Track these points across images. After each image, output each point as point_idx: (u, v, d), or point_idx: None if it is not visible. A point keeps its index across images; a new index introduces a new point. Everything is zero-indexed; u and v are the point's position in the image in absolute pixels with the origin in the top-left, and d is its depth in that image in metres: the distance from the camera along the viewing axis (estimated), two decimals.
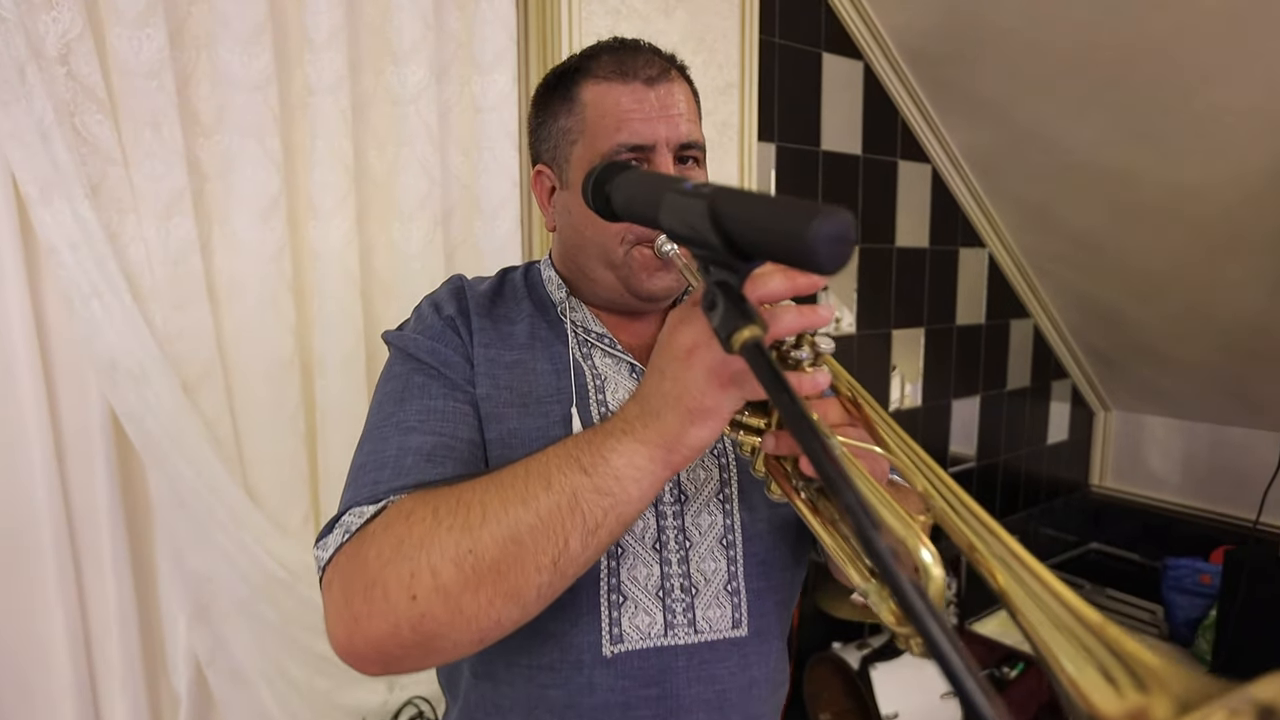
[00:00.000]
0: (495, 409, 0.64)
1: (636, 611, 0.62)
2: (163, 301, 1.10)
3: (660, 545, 0.63)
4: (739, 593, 0.65)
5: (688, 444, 0.47)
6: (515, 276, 0.76)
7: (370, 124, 1.27)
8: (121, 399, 1.05)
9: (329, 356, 1.25)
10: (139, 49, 1.03)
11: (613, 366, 0.68)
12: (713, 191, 0.35)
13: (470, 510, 0.49)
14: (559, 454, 0.49)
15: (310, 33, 1.16)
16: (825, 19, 1.98)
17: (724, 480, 0.66)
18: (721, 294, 0.35)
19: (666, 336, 0.48)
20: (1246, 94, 1.67)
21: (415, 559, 0.48)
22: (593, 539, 0.48)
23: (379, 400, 0.65)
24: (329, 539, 0.55)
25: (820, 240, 0.29)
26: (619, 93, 0.64)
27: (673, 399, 0.46)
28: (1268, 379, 2.34)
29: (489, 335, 0.67)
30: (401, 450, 0.58)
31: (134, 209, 1.06)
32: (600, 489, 0.47)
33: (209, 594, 1.18)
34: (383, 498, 0.55)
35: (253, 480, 1.21)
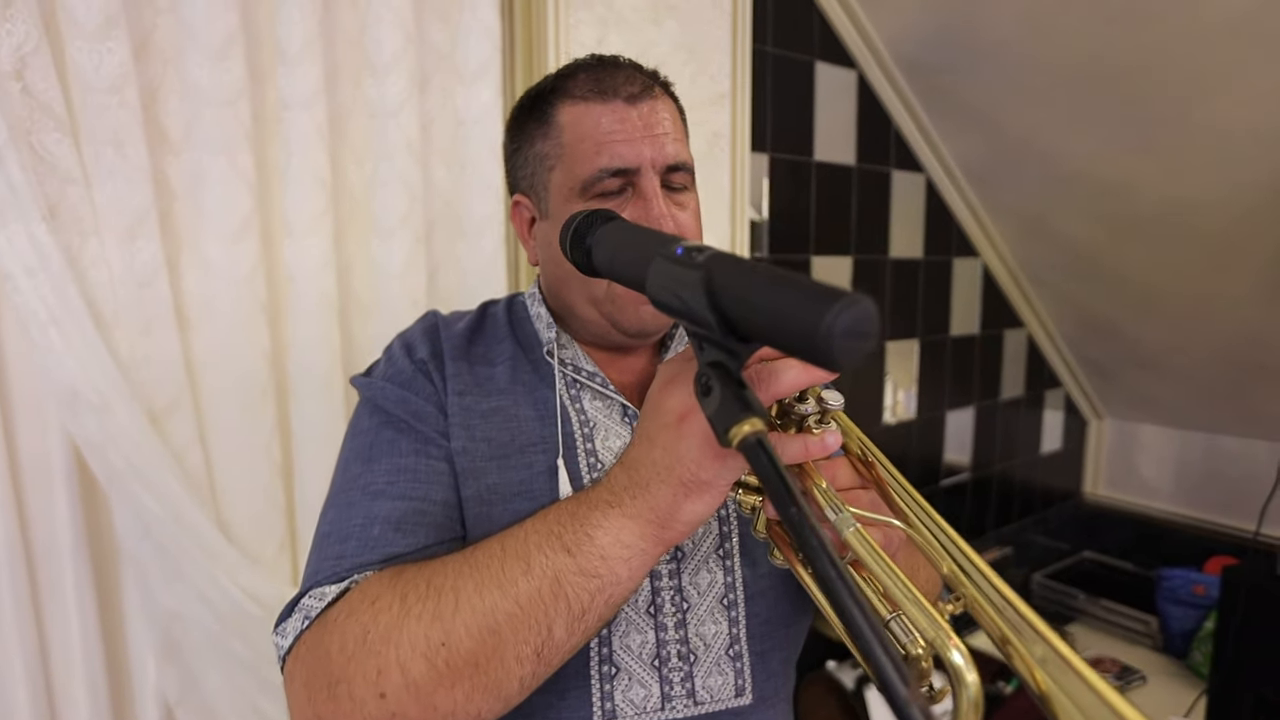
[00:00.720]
0: (472, 464, 0.59)
1: (630, 683, 0.58)
2: (127, 327, 1.04)
3: (655, 609, 0.59)
4: (741, 657, 0.61)
5: (682, 519, 0.42)
6: (497, 311, 0.71)
7: (348, 138, 1.22)
8: (82, 430, 1.00)
9: (305, 381, 1.20)
10: (100, 63, 0.97)
11: (603, 410, 0.63)
12: (708, 261, 0.31)
13: (442, 597, 0.44)
14: (539, 530, 0.45)
15: (283, 44, 1.11)
16: (818, 28, 1.94)
17: (724, 534, 0.62)
18: (717, 379, 0.30)
19: (656, 398, 0.43)
20: (1245, 109, 1.65)
21: (382, 654, 0.44)
22: (579, 625, 0.44)
23: (345, 459, 0.60)
24: (288, 624, 0.50)
25: (836, 335, 0.24)
26: (598, 113, 0.59)
27: (664, 470, 0.42)
28: (1263, 389, 2.33)
29: (464, 381, 0.62)
30: (368, 519, 0.53)
31: (96, 231, 1.01)
32: (585, 570, 0.43)
33: (179, 631, 1.13)
34: (347, 576, 0.51)
35: (225, 511, 1.16)
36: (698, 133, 1.67)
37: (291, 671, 0.49)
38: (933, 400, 2.45)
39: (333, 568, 0.52)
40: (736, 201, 1.74)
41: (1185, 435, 2.85)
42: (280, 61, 1.11)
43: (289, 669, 0.50)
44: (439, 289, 1.33)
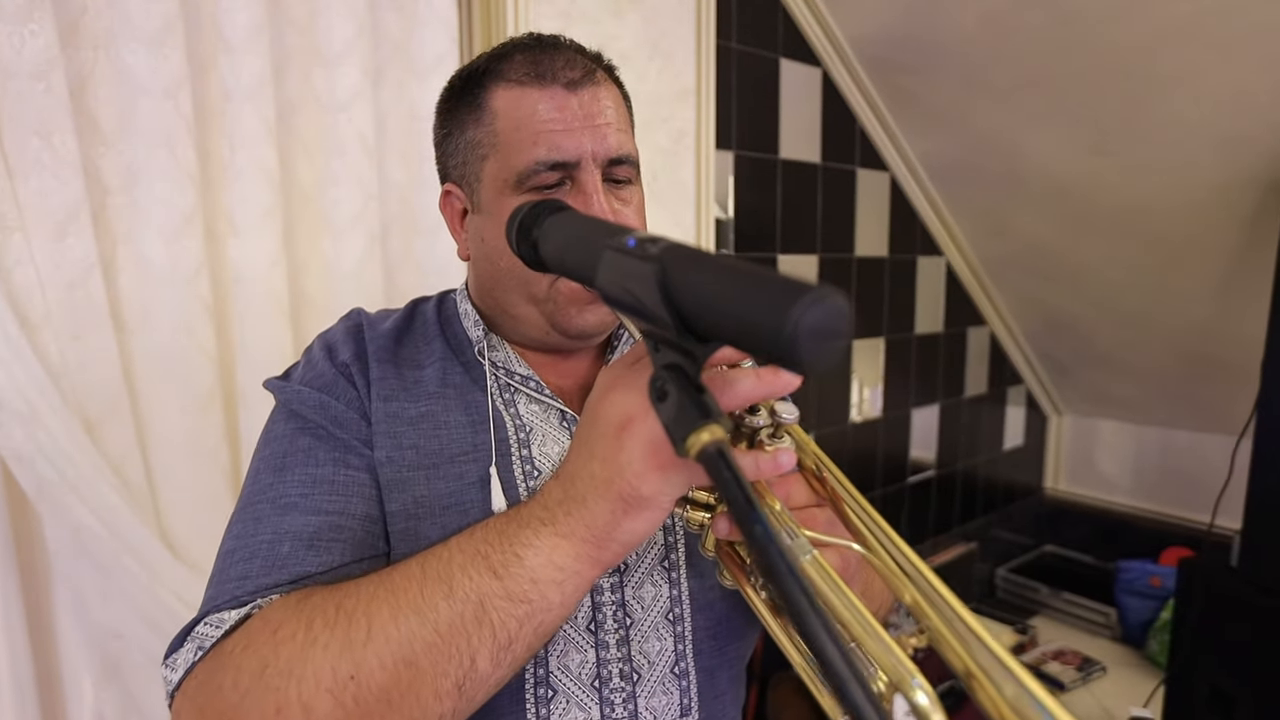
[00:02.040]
0: (398, 474, 0.54)
1: (569, 706, 0.54)
2: (57, 330, 0.98)
3: (596, 626, 0.55)
4: (687, 675, 0.57)
5: (620, 539, 0.39)
6: (427, 310, 0.66)
7: (297, 132, 1.17)
8: (9, 440, 0.93)
9: (253, 386, 1.14)
10: (21, 46, 0.91)
11: (540, 414, 0.59)
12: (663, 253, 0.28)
13: (353, 623, 0.40)
14: (464, 549, 0.41)
15: (226, 32, 1.06)
16: (783, 25, 1.93)
17: (669, 545, 0.58)
18: (673, 383, 0.27)
19: (595, 405, 0.40)
20: (1196, 111, 1.68)
21: (282, 690, 0.39)
22: (506, 655, 0.40)
23: (255, 469, 0.55)
24: (179, 656, 0.46)
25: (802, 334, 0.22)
26: (535, 99, 0.54)
27: (602, 483, 0.38)
28: (1214, 384, 2.38)
29: (391, 385, 0.57)
30: (277, 535, 0.49)
31: (20, 227, 0.94)
32: (513, 595, 0.40)
33: (118, 650, 1.07)
34: (248, 600, 0.46)
35: (169, 523, 1.10)
36: (662, 129, 1.65)
37: (180, 710, 0.44)
38: (898, 398, 2.47)
39: (234, 590, 0.47)
40: (701, 199, 1.72)
41: (1142, 430, 2.92)
42: (223, 50, 1.06)
43: (177, 706, 0.45)
44: (397, 288, 1.28)
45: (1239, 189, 1.79)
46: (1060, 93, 1.86)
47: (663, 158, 1.64)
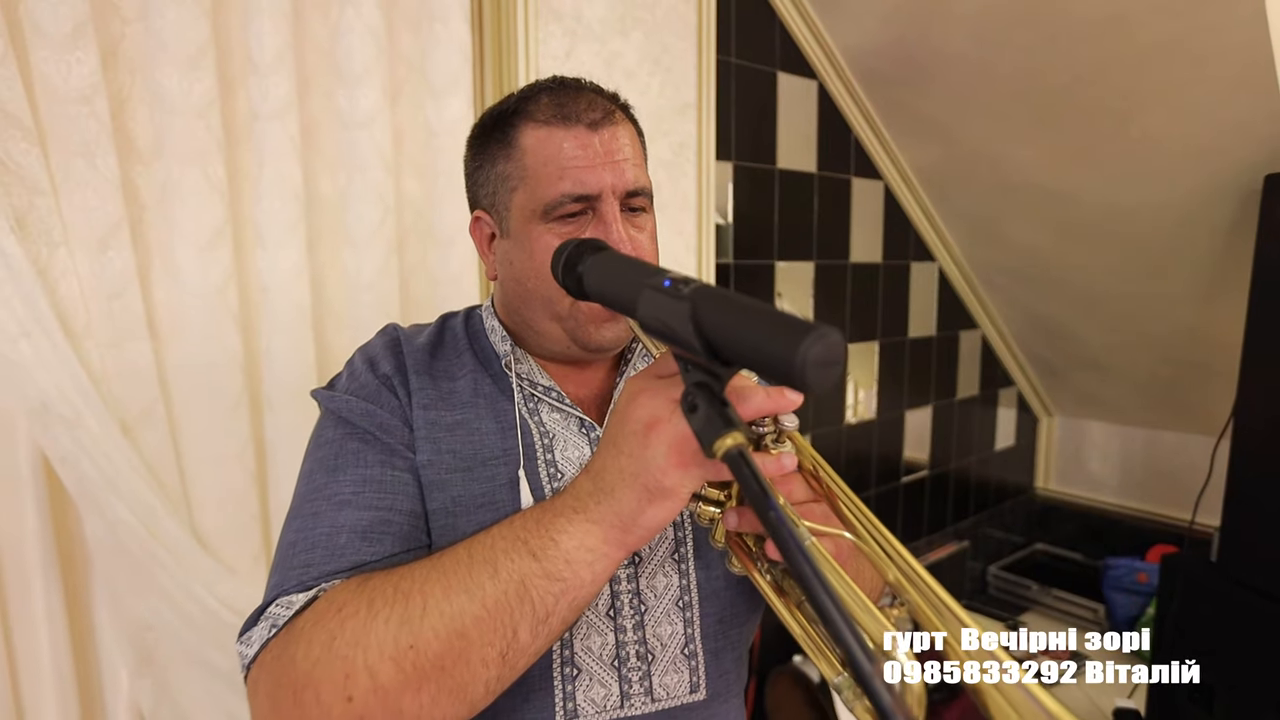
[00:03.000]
0: (437, 475, 0.60)
1: (591, 684, 0.60)
2: (98, 339, 1.04)
3: (615, 613, 0.61)
4: (696, 655, 0.63)
5: (644, 525, 0.45)
6: (456, 325, 0.72)
7: (320, 149, 1.23)
8: (53, 442, 0.99)
9: (278, 392, 1.20)
10: (68, 73, 0.97)
11: (561, 422, 0.65)
12: (694, 294, 0.34)
13: (410, 601, 0.46)
14: (505, 536, 0.47)
15: (254, 55, 1.12)
16: (780, 39, 2.00)
17: (679, 539, 0.64)
18: (702, 398, 0.34)
19: (624, 408, 0.45)
20: (1177, 123, 1.75)
21: (350, 658, 0.45)
22: (544, 628, 0.46)
23: (309, 470, 0.60)
24: (254, 633, 0.51)
25: (809, 365, 0.28)
26: (561, 138, 0.60)
27: (629, 476, 0.44)
28: (1198, 386, 2.46)
29: (429, 395, 0.63)
30: (334, 528, 0.54)
31: (65, 242, 1.00)
32: (550, 574, 0.45)
33: (152, 642, 1.13)
34: (313, 584, 0.52)
35: (199, 522, 1.15)
36: (664, 141, 1.71)
37: (256, 680, 0.50)
38: (892, 400, 2.54)
39: (299, 576, 0.53)
40: (702, 208, 1.79)
41: (1129, 431, 3.00)
42: (251, 71, 1.12)
43: (253, 677, 0.50)
44: (410, 299, 1.34)
45: (1216, 198, 1.86)
46: (1046, 106, 1.93)
47: (665, 169, 1.70)
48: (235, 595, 1.15)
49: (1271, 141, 1.66)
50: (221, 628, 1.14)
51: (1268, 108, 1.59)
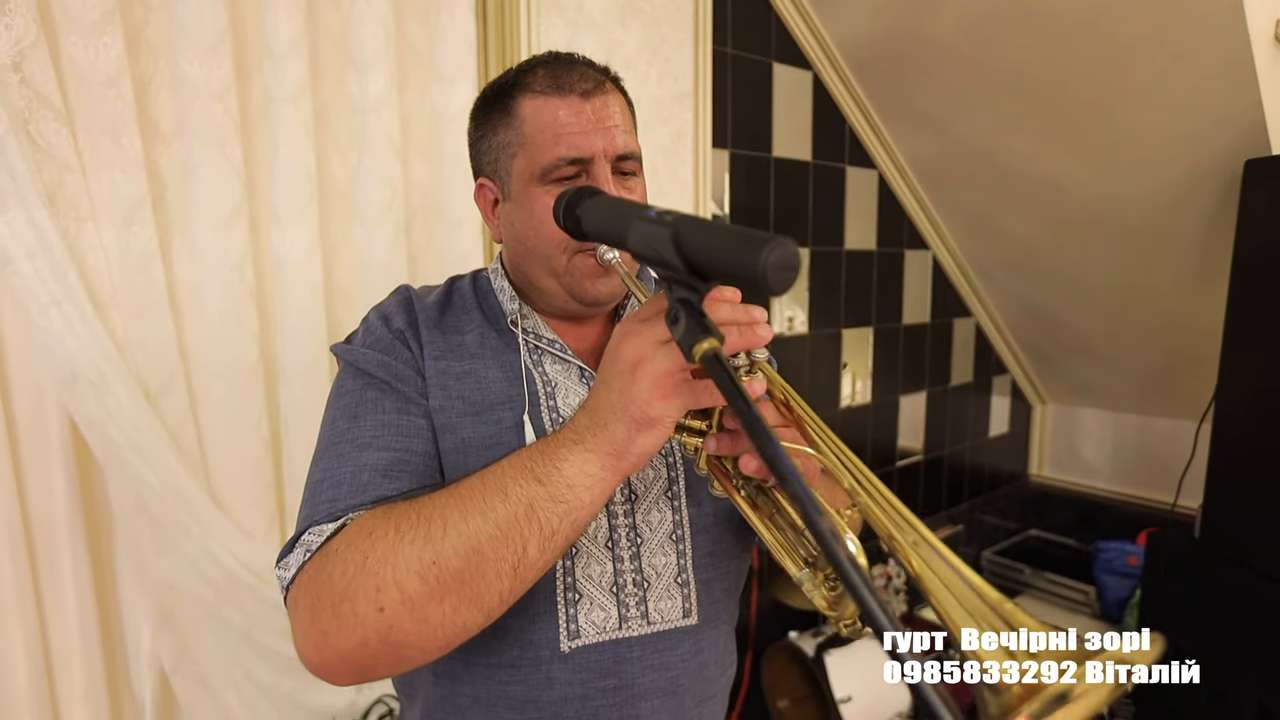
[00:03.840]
0: (448, 420, 0.65)
1: (592, 607, 0.65)
2: (123, 310, 1.09)
3: (612, 543, 0.67)
4: (688, 584, 0.69)
5: (635, 451, 0.50)
6: (463, 285, 0.77)
7: (332, 132, 1.29)
8: (81, 407, 1.05)
9: (292, 364, 1.26)
10: (96, 57, 1.03)
11: (563, 372, 0.70)
12: (675, 220, 0.40)
13: (431, 524, 0.51)
14: (514, 466, 0.52)
15: (270, 42, 1.17)
16: (775, 30, 2.05)
17: (671, 479, 0.70)
18: (684, 311, 0.39)
19: (613, 351, 0.51)
20: (1162, 115, 1.80)
21: (380, 574, 0.50)
22: (550, 544, 0.51)
23: (332, 417, 0.66)
24: (290, 559, 0.56)
25: (770, 268, 0.33)
26: (556, 106, 0.65)
27: (620, 410, 0.50)
28: (1186, 372, 2.50)
29: (439, 347, 0.68)
30: (358, 467, 0.59)
31: (92, 217, 1.06)
32: (555, 497, 0.51)
33: (173, 601, 1.18)
34: (341, 515, 0.57)
35: (217, 486, 1.21)
36: (662, 130, 1.77)
37: (296, 598, 0.54)
38: (887, 385, 2.59)
39: (328, 509, 0.57)
40: (699, 195, 1.84)
41: (1121, 418, 3.05)
42: (268, 58, 1.17)
43: (293, 596, 0.55)
44: (419, 277, 1.39)
45: (1200, 186, 1.91)
46: (1036, 97, 1.98)
47: (663, 156, 1.76)
48: (253, 557, 1.21)
49: (1250, 129, 1.71)
50: (239, 588, 1.20)
51: (1246, 96, 1.65)
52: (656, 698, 0.66)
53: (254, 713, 1.27)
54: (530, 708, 0.64)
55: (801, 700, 2.21)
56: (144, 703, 1.21)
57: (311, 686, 1.32)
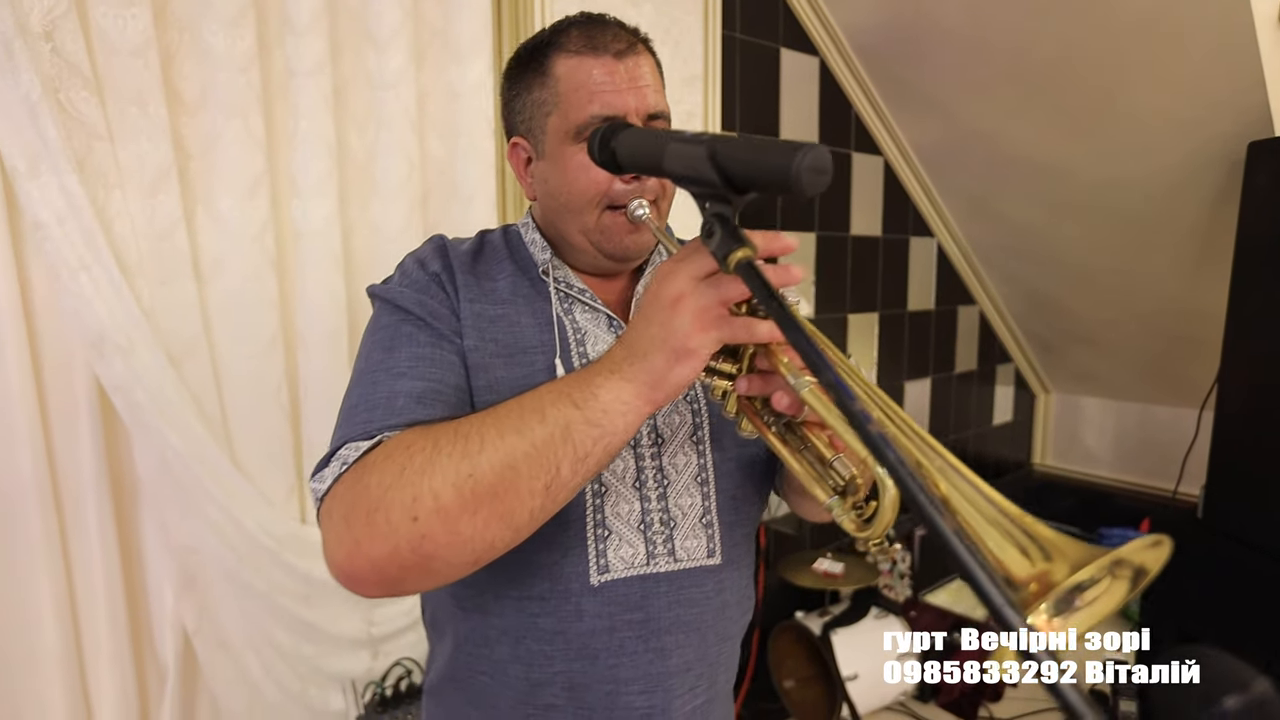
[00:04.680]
0: (482, 360, 0.67)
1: (620, 544, 0.68)
2: (148, 276, 1.12)
3: (640, 484, 0.69)
4: (713, 525, 0.71)
5: (671, 382, 0.52)
6: (494, 238, 0.79)
7: (350, 107, 1.31)
8: (109, 370, 1.07)
9: (311, 333, 1.28)
10: (124, 27, 1.05)
11: (591, 320, 0.72)
12: (711, 138, 0.42)
13: (469, 440, 0.53)
14: (552, 390, 0.54)
15: (292, 16, 1.20)
16: (783, 16, 2.07)
17: (696, 424, 0.72)
18: (719, 224, 0.41)
19: (654, 288, 0.53)
20: (1160, 99, 1.82)
21: (417, 484, 0.52)
22: (582, 466, 0.53)
23: (367, 349, 0.67)
24: (325, 471, 0.58)
25: (804, 170, 0.36)
26: (590, 65, 0.67)
27: (659, 341, 0.51)
28: (1185, 357, 2.52)
29: (473, 291, 0.70)
30: (392, 393, 0.61)
31: (120, 185, 1.08)
32: (590, 420, 0.52)
33: (196, 564, 1.21)
34: (376, 434, 0.58)
35: (239, 453, 1.24)
36: (672, 111, 1.78)
37: (329, 508, 0.56)
38: (892, 371, 2.61)
39: (363, 428, 0.59)
40: None
41: (1123, 406, 3.07)
42: (289, 32, 1.20)
43: (326, 506, 0.56)
44: None
45: (1202, 169, 1.93)
46: (1039, 81, 2.00)
47: None
48: (273, 523, 1.24)
49: (1254, 110, 1.73)
50: (261, 553, 1.23)
51: (1248, 77, 1.66)
52: (680, 632, 0.68)
53: (273, 676, 1.29)
54: (559, 639, 0.66)
55: (807, 680, 2.23)
56: (167, 664, 1.23)
57: (331, 652, 1.34)
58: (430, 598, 0.78)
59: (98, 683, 1.18)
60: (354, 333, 1.33)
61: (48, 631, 1.12)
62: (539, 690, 0.67)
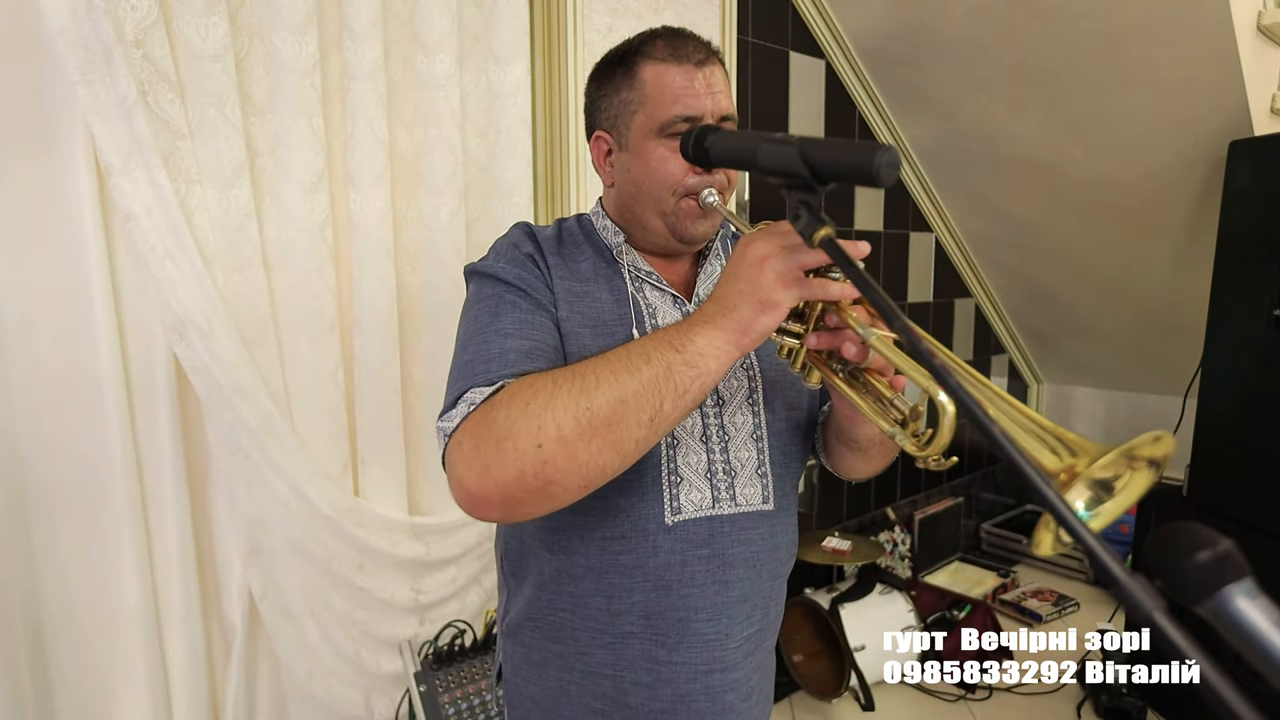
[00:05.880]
0: (572, 329, 0.77)
1: (690, 489, 0.78)
2: (224, 265, 1.21)
3: (706, 438, 0.79)
4: (767, 475, 0.82)
5: (756, 329, 0.62)
6: (571, 224, 0.89)
7: (399, 108, 1.40)
8: (189, 352, 1.16)
9: (365, 319, 1.37)
10: (206, 35, 1.14)
11: (660, 298, 0.83)
12: (798, 140, 0.52)
13: (585, 379, 0.62)
14: (654, 339, 0.64)
15: (351, 23, 1.29)
16: (792, 21, 2.18)
17: (751, 389, 0.83)
18: (805, 208, 0.51)
19: (742, 250, 0.63)
20: (1155, 99, 1.94)
21: (542, 416, 0.61)
22: (681, 402, 0.62)
23: (474, 315, 0.76)
24: (453, 412, 0.67)
25: (883, 165, 0.46)
26: (674, 73, 0.77)
27: (748, 295, 0.61)
28: (1174, 348, 2.65)
29: (562, 270, 0.80)
30: (504, 349, 0.71)
31: (199, 180, 1.17)
32: (689, 362, 0.62)
33: (261, 534, 1.30)
34: (497, 380, 0.68)
35: (300, 430, 1.33)
36: None
37: (459, 441, 0.64)
38: None
39: (484, 377, 0.67)
40: None
41: (1113, 395, 3.20)
42: (349, 38, 1.29)
43: (456, 440, 0.64)
44: (475, 241, 1.51)
45: (1190, 167, 2.05)
46: (1036, 82, 2.11)
47: None
48: (332, 494, 1.33)
49: (1235, 112, 1.85)
50: (321, 523, 1.32)
51: (1230, 80, 1.78)
52: (741, 568, 0.79)
53: (329, 639, 1.39)
54: (638, 573, 0.76)
55: (816, 655, 2.35)
56: (235, 627, 1.32)
57: (381, 618, 1.44)
58: (511, 549, 0.87)
59: (171, 642, 1.27)
60: (404, 318, 1.43)
61: (129, 594, 1.21)
62: (618, 620, 0.77)
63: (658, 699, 0.77)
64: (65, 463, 1.15)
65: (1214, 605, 0.40)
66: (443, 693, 1.34)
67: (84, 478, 1.16)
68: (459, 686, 1.35)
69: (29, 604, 1.14)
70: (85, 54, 1.03)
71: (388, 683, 1.47)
